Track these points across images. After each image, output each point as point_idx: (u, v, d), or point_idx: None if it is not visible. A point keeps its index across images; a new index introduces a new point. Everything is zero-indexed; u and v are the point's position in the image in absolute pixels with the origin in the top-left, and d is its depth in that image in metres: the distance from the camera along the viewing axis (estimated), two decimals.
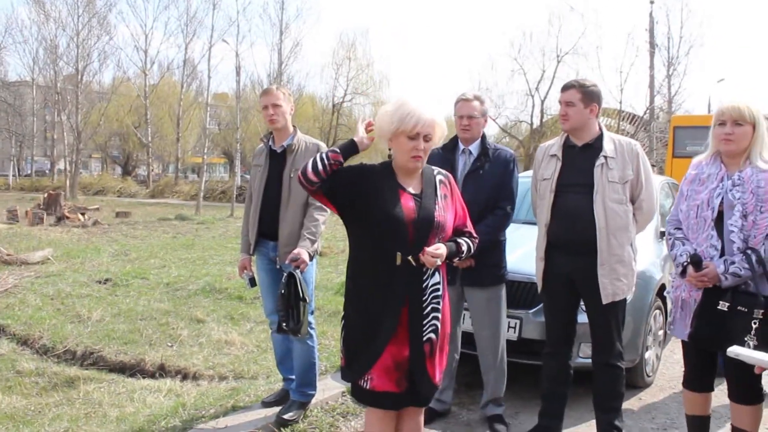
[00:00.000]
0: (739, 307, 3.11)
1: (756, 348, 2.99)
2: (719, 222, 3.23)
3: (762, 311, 3.06)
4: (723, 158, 3.30)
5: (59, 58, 36.03)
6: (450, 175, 2.99)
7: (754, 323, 3.06)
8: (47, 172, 48.14)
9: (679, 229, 3.42)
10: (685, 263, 3.27)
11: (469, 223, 3.00)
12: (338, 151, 2.76)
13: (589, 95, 3.66)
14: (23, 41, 40.57)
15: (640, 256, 3.90)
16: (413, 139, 2.70)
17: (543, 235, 3.80)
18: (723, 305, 3.15)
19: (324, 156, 2.74)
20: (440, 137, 2.80)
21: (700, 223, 3.28)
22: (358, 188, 2.75)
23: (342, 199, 2.78)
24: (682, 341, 3.46)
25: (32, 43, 39.47)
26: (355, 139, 2.82)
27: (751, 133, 3.21)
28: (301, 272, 3.70)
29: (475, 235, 3.01)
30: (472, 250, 2.97)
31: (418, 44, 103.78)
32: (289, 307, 3.60)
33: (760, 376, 3.24)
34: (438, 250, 2.70)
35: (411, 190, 2.79)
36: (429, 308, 2.77)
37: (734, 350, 2.87)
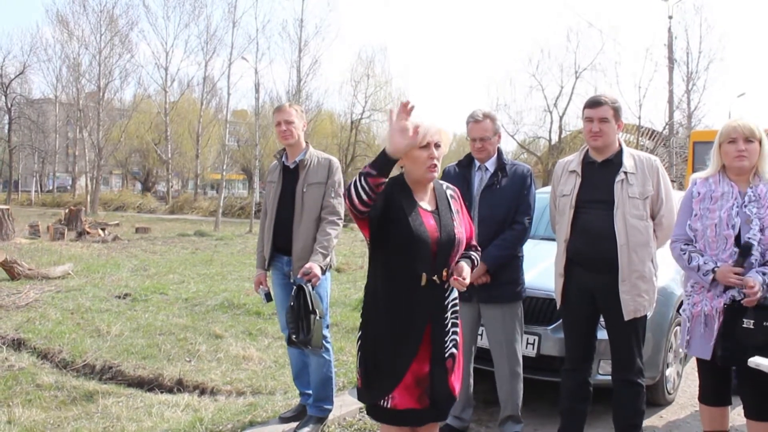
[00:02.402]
0: (765, 323, 3.10)
1: None
2: (737, 238, 3.26)
3: None
4: (731, 176, 3.32)
5: (82, 76, 36.56)
6: (456, 189, 3.00)
7: None
8: (69, 187, 48.75)
9: (688, 245, 3.40)
10: (715, 268, 3.23)
11: (474, 236, 3.03)
12: (375, 173, 2.47)
13: (617, 111, 3.67)
14: (47, 60, 41.26)
15: (660, 272, 3.86)
16: (425, 148, 2.69)
17: (562, 252, 3.77)
18: (748, 323, 3.14)
19: (363, 183, 2.48)
20: (447, 143, 2.79)
21: (719, 241, 3.28)
22: (385, 210, 2.70)
23: (375, 223, 2.72)
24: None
25: (56, 62, 40.19)
26: (388, 149, 2.46)
27: (759, 149, 3.28)
28: (313, 286, 3.71)
29: (478, 247, 3.04)
30: (478, 262, 3.00)
31: (436, 60, 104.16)
32: (298, 319, 3.61)
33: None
34: (464, 273, 2.72)
35: (427, 206, 2.79)
36: (450, 324, 2.78)
37: (755, 360, 2.85)
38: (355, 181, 2.52)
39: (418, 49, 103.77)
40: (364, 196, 2.50)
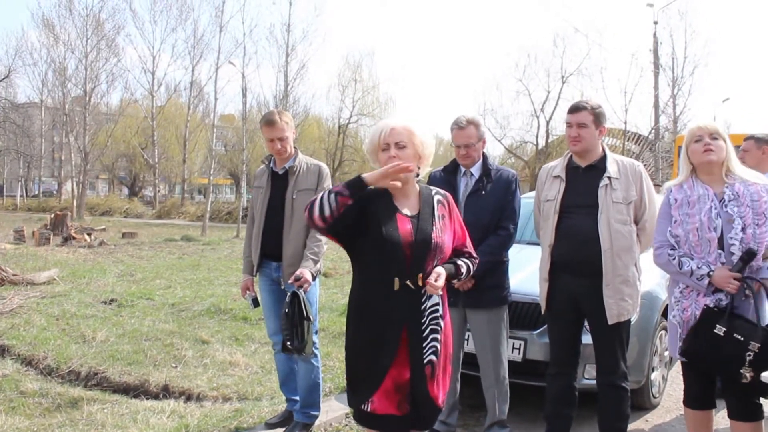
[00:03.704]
0: (735, 335, 3.13)
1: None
2: (719, 240, 3.28)
3: (758, 345, 3.08)
4: (703, 178, 3.36)
5: (68, 80, 36.32)
6: (449, 195, 2.99)
7: (749, 356, 3.07)
8: (54, 192, 48.40)
9: (674, 249, 3.41)
10: (710, 272, 3.26)
11: (468, 243, 2.99)
12: (347, 193, 2.62)
13: (598, 116, 3.70)
14: (33, 64, 40.63)
15: (645, 277, 3.88)
16: (385, 150, 2.75)
17: (547, 256, 3.79)
18: (719, 329, 3.16)
19: (331, 199, 2.61)
20: (420, 144, 2.79)
21: (703, 244, 3.29)
22: (360, 217, 2.72)
23: (345, 232, 2.75)
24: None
25: (41, 66, 39.78)
26: (366, 177, 2.64)
27: (725, 147, 3.34)
28: (305, 292, 3.71)
29: (474, 255, 3.01)
30: (472, 271, 2.98)
31: (423, 66, 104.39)
32: (293, 326, 3.61)
33: (758, 394, 3.26)
34: (438, 278, 2.69)
35: (408, 212, 2.79)
36: (428, 330, 2.76)
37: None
38: (322, 197, 2.62)
39: (406, 54, 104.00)
40: (327, 213, 2.62)
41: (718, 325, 3.16)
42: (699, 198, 3.32)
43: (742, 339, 3.12)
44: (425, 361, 2.74)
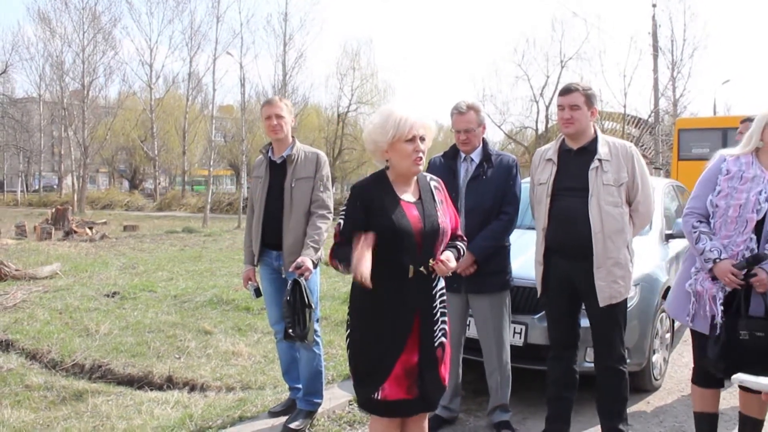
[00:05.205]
0: (757, 333, 3.13)
1: None
2: (758, 224, 3.24)
3: None
4: (764, 160, 3.31)
5: (65, 74, 36.25)
6: (441, 181, 3.02)
7: None
8: (55, 187, 48.42)
9: (702, 222, 3.39)
10: (717, 260, 3.24)
11: (459, 227, 3.06)
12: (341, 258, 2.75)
13: (590, 98, 3.67)
14: (30, 58, 40.64)
15: (645, 260, 3.87)
16: (411, 141, 2.73)
17: (541, 240, 3.80)
18: (744, 335, 3.17)
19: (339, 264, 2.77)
20: (431, 137, 2.85)
21: (740, 222, 3.26)
22: (366, 216, 2.74)
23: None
24: (693, 335, 3.46)
25: (39, 60, 39.69)
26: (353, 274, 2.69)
27: None
28: (306, 280, 3.73)
29: (465, 238, 3.07)
30: (464, 254, 3.01)
31: (422, 53, 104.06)
32: (295, 313, 3.63)
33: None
34: (450, 259, 2.74)
35: (410, 198, 2.81)
36: (439, 313, 2.81)
37: (738, 377, 2.88)
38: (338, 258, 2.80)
39: (404, 41, 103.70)
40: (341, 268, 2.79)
41: (741, 332, 3.16)
42: (754, 178, 3.27)
43: (764, 334, 3.13)
44: (437, 344, 2.78)
